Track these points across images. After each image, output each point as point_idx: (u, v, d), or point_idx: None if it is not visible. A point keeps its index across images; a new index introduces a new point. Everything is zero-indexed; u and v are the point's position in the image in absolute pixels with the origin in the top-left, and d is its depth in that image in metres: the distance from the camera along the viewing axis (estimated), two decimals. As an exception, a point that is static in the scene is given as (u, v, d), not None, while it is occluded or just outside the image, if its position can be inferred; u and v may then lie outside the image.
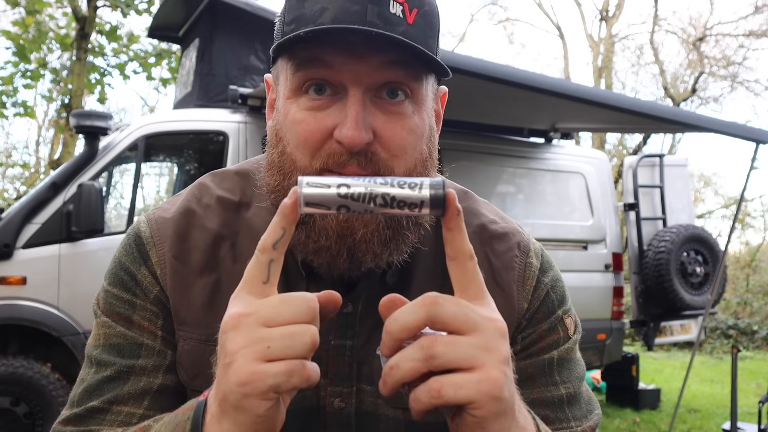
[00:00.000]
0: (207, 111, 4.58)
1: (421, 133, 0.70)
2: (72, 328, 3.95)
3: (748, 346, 10.75)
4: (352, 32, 0.62)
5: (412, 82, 0.67)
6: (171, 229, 0.76)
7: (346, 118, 0.64)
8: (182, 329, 0.74)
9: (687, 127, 4.84)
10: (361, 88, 0.65)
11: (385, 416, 0.73)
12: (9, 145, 16.83)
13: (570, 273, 5.38)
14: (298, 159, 0.67)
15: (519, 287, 0.78)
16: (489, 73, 3.60)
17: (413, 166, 0.69)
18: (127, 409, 0.73)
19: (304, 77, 0.67)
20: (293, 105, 0.68)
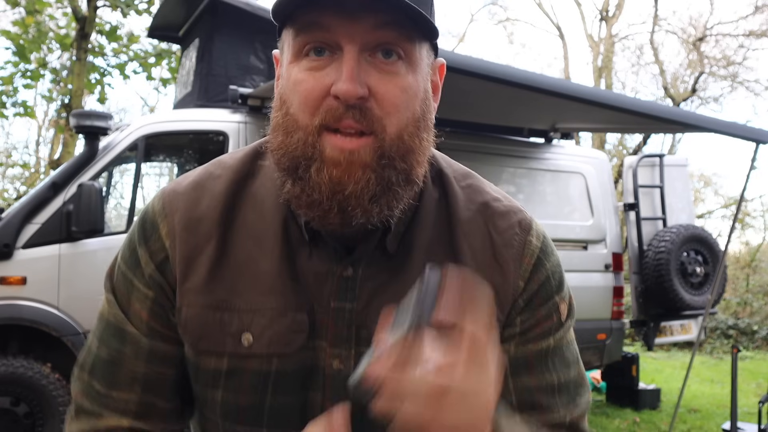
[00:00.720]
0: (207, 111, 4.57)
1: (414, 93, 0.71)
2: (72, 328, 3.95)
3: (748, 346, 10.75)
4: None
5: (405, 43, 0.69)
6: (182, 202, 0.78)
7: (341, 74, 0.67)
8: (189, 296, 0.76)
9: (687, 127, 4.83)
10: (356, 47, 0.67)
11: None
12: (9, 145, 16.84)
13: (570, 273, 5.32)
14: (299, 118, 0.70)
15: (516, 265, 0.78)
16: (489, 73, 3.60)
17: (405, 124, 0.70)
18: (123, 396, 0.77)
19: (304, 41, 0.69)
20: (295, 68, 0.71)
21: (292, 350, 0.73)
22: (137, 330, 0.78)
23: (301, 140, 0.69)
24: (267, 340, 0.73)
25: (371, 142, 0.68)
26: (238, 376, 0.74)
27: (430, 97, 0.76)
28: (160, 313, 0.78)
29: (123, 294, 0.80)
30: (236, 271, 0.76)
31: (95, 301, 4.04)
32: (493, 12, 22.36)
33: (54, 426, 3.85)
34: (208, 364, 0.75)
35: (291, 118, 0.71)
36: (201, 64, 4.89)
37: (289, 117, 0.71)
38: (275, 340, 0.73)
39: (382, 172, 0.69)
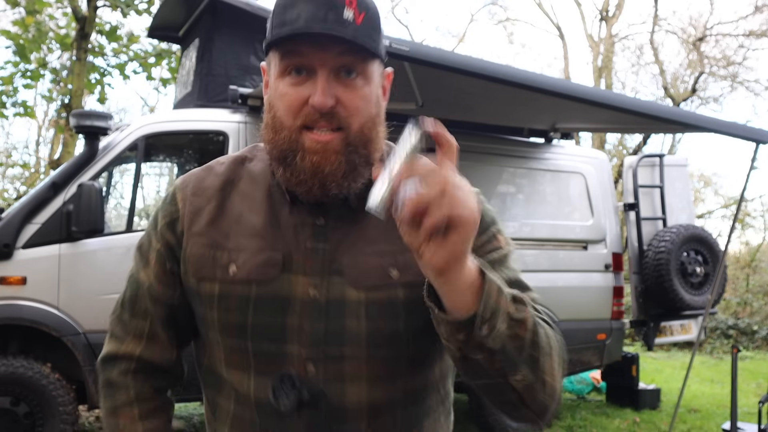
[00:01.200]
0: (207, 111, 4.57)
1: (369, 99, 0.95)
2: (72, 328, 3.95)
3: (748, 346, 10.75)
4: (318, 35, 0.89)
5: (360, 64, 0.93)
6: (194, 178, 1.05)
7: (316, 90, 0.90)
8: (193, 238, 1.00)
9: (687, 127, 4.83)
10: (326, 70, 0.91)
11: (349, 301, 0.95)
12: (9, 145, 16.83)
13: (570, 273, 5.38)
14: (285, 120, 0.93)
15: None
16: (489, 73, 3.60)
17: (364, 121, 0.94)
18: (139, 323, 1.05)
19: (287, 64, 0.93)
20: (280, 83, 0.94)
21: (266, 279, 0.95)
22: (147, 278, 1.05)
23: (287, 137, 0.93)
24: (246, 270, 0.95)
25: (341, 135, 0.92)
26: (226, 299, 0.96)
27: (381, 100, 0.99)
28: (163, 262, 1.04)
29: (144, 251, 1.06)
30: (230, 222, 1.00)
31: (95, 301, 4.05)
32: (493, 12, 22.37)
33: (54, 426, 3.85)
34: (206, 289, 0.98)
35: (278, 120, 0.94)
36: (201, 64, 4.89)
37: (277, 119, 0.94)
38: (253, 271, 0.95)
39: (349, 157, 0.92)
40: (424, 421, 1.02)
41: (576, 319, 5.31)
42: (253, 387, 0.97)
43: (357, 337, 0.94)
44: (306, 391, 0.93)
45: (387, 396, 0.97)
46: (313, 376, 0.94)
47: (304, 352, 0.94)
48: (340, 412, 0.95)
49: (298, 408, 0.93)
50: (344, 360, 0.94)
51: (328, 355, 0.94)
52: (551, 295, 5.13)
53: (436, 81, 4.02)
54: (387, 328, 0.94)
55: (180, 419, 5.58)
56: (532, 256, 5.18)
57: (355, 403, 0.95)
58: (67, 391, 3.91)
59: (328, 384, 0.94)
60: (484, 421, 5.07)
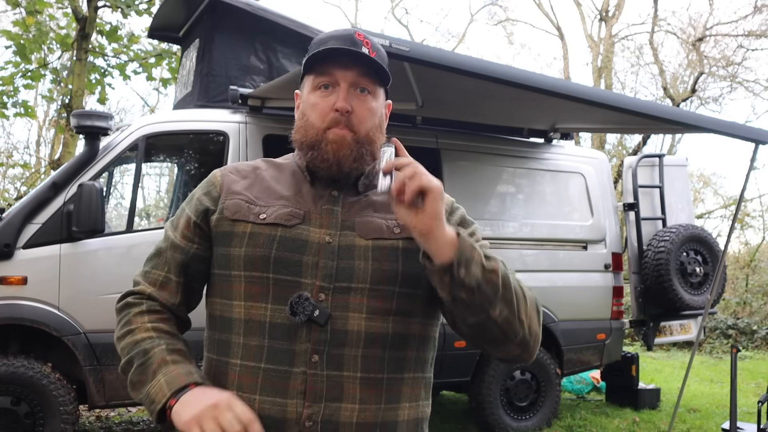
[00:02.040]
0: (207, 111, 4.58)
1: (375, 113, 1.26)
2: (72, 328, 3.96)
3: (747, 345, 10.76)
4: (342, 54, 1.22)
5: (371, 86, 1.26)
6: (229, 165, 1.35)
7: (339, 97, 1.22)
8: (230, 195, 1.26)
9: (687, 127, 4.84)
10: (347, 84, 1.23)
11: (358, 246, 1.20)
12: (9, 145, 16.80)
13: (570, 273, 5.39)
14: (315, 122, 1.23)
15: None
16: (489, 73, 3.60)
17: (369, 127, 1.24)
18: (157, 272, 1.29)
19: (319, 81, 1.25)
20: (312, 96, 1.25)
21: (289, 224, 1.21)
22: (174, 235, 1.29)
23: (315, 134, 1.23)
24: (274, 217, 1.22)
25: (353, 135, 1.22)
26: (255, 237, 1.20)
27: (383, 117, 1.30)
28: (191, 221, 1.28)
29: (177, 219, 1.31)
30: (261, 189, 1.27)
31: (96, 301, 4.05)
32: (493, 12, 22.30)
33: (54, 425, 3.85)
34: (239, 229, 1.22)
35: (309, 123, 1.25)
36: (201, 64, 4.90)
37: (309, 123, 1.25)
38: (279, 218, 1.21)
39: (358, 149, 1.23)
40: (405, 374, 1.21)
41: (576, 319, 5.31)
42: (269, 312, 1.17)
43: (363, 273, 1.18)
44: (318, 310, 1.14)
45: (379, 330, 1.17)
46: (323, 302, 1.16)
47: (317, 283, 1.17)
48: (342, 335, 1.16)
49: (309, 322, 1.14)
50: (350, 292, 1.17)
51: (337, 287, 1.17)
52: (551, 295, 5.14)
53: (436, 81, 4.03)
54: (388, 269, 1.19)
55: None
56: (532, 256, 5.19)
57: (354, 330, 1.16)
58: (67, 391, 3.92)
59: (335, 310, 1.16)
60: (484, 421, 5.08)
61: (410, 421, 1.22)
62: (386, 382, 1.19)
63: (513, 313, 1.13)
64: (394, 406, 1.19)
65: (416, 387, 1.23)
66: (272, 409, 1.14)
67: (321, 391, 1.14)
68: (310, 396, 1.14)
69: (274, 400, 1.15)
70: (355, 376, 1.16)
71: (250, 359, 1.17)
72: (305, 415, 1.13)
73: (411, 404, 1.22)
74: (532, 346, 1.18)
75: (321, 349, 1.15)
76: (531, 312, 1.17)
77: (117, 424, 5.31)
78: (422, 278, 1.19)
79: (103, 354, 3.98)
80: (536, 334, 1.18)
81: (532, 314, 1.17)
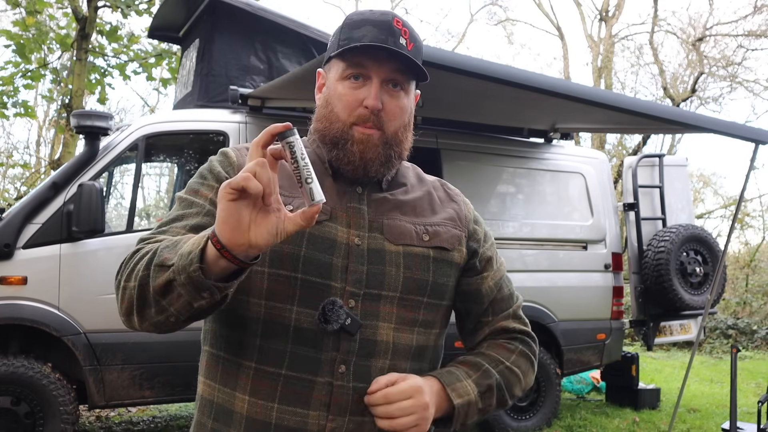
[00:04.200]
0: (207, 111, 4.58)
1: (405, 110, 1.18)
2: (72, 328, 3.96)
3: (747, 345, 10.76)
4: (379, 49, 1.12)
5: (404, 82, 1.17)
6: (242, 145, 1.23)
7: (370, 94, 1.12)
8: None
9: (687, 127, 4.83)
10: (379, 80, 1.14)
11: (388, 251, 1.14)
12: (10, 145, 16.80)
13: (570, 273, 5.38)
14: (341, 115, 1.14)
15: (464, 205, 1.30)
16: (489, 73, 3.60)
17: (398, 126, 1.16)
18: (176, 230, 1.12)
19: (350, 71, 1.14)
20: (340, 85, 1.15)
21: (318, 220, 1.09)
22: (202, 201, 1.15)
23: (340, 128, 1.14)
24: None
25: (381, 134, 1.14)
26: None
27: (412, 114, 1.22)
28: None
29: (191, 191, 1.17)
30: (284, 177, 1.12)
31: (96, 300, 4.05)
32: (492, 12, 22.30)
33: (54, 425, 3.85)
34: None
35: (334, 114, 1.15)
36: (201, 64, 4.90)
37: (333, 113, 1.15)
38: None
39: (386, 151, 1.15)
40: None
41: (576, 319, 5.31)
42: (294, 315, 1.09)
43: (395, 281, 1.13)
44: (350, 318, 1.07)
45: (405, 342, 1.14)
46: (353, 309, 1.10)
47: (348, 289, 1.11)
48: (370, 346, 1.11)
49: (340, 331, 1.07)
50: (380, 299, 1.12)
51: (367, 294, 1.11)
52: (551, 295, 5.14)
53: (436, 81, 4.01)
54: (420, 278, 1.15)
55: (180, 419, 5.59)
56: (532, 256, 5.19)
57: (383, 341, 1.12)
58: (67, 391, 3.92)
59: (365, 318, 1.11)
60: (484, 421, 5.08)
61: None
62: None
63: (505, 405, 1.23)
64: None
65: None
66: (291, 420, 1.07)
67: (346, 404, 1.08)
68: (335, 409, 1.08)
69: (294, 410, 1.07)
70: None
71: (269, 364, 1.08)
72: (328, 428, 1.07)
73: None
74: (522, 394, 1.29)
75: (348, 359, 1.09)
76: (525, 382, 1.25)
77: (117, 424, 5.31)
78: (448, 289, 1.20)
79: (103, 354, 3.99)
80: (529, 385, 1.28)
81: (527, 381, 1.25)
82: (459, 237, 1.22)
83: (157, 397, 4.24)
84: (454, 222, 1.23)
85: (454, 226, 1.23)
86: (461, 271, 1.23)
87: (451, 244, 1.20)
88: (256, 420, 1.08)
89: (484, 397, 1.16)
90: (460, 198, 1.31)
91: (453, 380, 1.15)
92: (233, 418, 1.10)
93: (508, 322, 1.26)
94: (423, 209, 1.21)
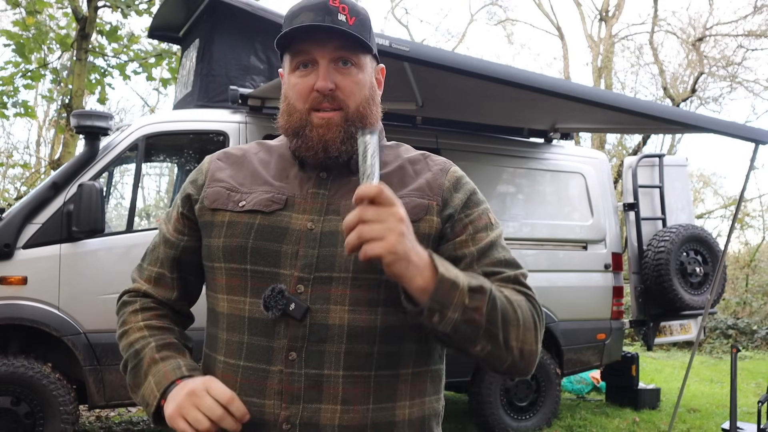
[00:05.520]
0: (207, 111, 4.58)
1: (363, 84, 1.16)
2: (72, 328, 3.96)
3: (747, 345, 10.76)
4: (316, 30, 1.12)
5: (353, 56, 1.15)
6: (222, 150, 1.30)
7: (319, 77, 1.13)
8: (212, 183, 1.21)
9: (687, 127, 4.84)
10: (325, 60, 1.13)
11: (341, 232, 1.04)
12: (10, 145, 16.80)
13: (570, 273, 5.38)
14: (296, 105, 1.15)
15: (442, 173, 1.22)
16: (489, 73, 3.61)
17: (360, 101, 1.15)
18: (151, 267, 1.26)
19: (296, 61, 1.16)
20: (292, 77, 1.17)
21: (269, 211, 1.14)
22: (167, 229, 1.25)
23: (298, 117, 1.15)
24: (253, 204, 1.15)
25: (340, 113, 1.14)
26: (233, 226, 1.14)
27: (375, 86, 1.21)
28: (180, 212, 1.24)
29: (171, 211, 1.28)
30: (246, 175, 1.21)
31: (96, 300, 4.05)
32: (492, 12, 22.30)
33: (54, 425, 3.85)
34: (218, 218, 1.16)
35: (291, 106, 1.16)
36: (201, 64, 4.90)
37: (291, 105, 1.17)
38: (258, 205, 1.15)
39: (347, 129, 1.14)
40: (401, 369, 1.12)
41: (576, 319, 5.31)
42: (248, 306, 1.11)
43: (346, 261, 1.09)
44: (293, 303, 1.06)
45: (365, 324, 1.09)
46: (302, 294, 1.09)
47: (296, 274, 1.10)
48: (322, 330, 1.08)
49: (284, 317, 1.07)
50: (332, 282, 1.09)
51: (317, 277, 1.09)
52: (551, 295, 5.14)
53: (436, 81, 4.03)
54: None
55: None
56: (532, 256, 5.19)
57: (336, 324, 1.08)
58: (67, 391, 3.92)
59: (315, 303, 1.08)
60: (484, 421, 5.08)
61: (414, 420, 1.13)
62: (375, 380, 1.09)
63: (498, 346, 1.05)
64: (387, 405, 1.10)
65: (419, 382, 1.14)
66: (250, 410, 1.07)
67: (298, 392, 1.07)
68: (287, 397, 1.07)
69: (251, 400, 1.08)
70: (337, 374, 1.08)
71: (232, 356, 1.12)
72: (282, 417, 1.07)
73: (413, 401, 1.13)
74: (524, 367, 1.10)
75: (299, 345, 1.07)
76: (524, 334, 1.07)
77: (117, 424, 5.31)
78: None
79: (103, 354, 3.99)
80: (530, 354, 1.09)
81: (526, 336, 1.08)
82: (426, 206, 1.14)
83: (157, 397, 4.23)
84: (421, 191, 1.16)
85: (421, 195, 1.15)
86: (437, 242, 1.14)
87: (415, 214, 1.11)
88: None
89: (473, 295, 1.01)
90: (438, 167, 1.22)
91: (444, 260, 1.04)
92: None
93: (507, 284, 1.12)
94: (390, 185, 1.07)
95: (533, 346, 1.09)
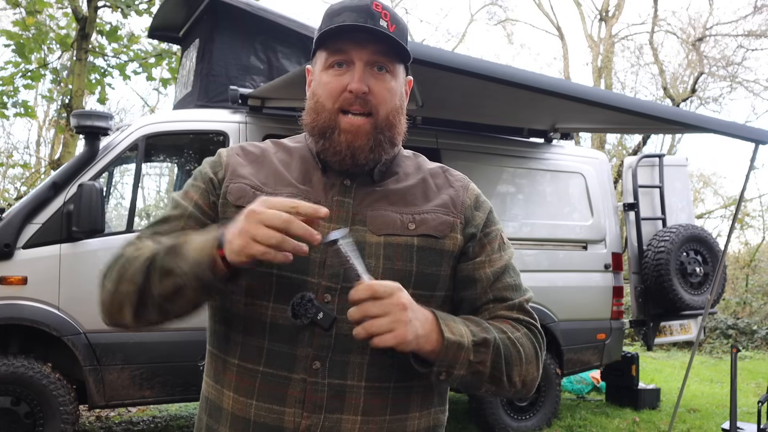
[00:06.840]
0: (207, 111, 4.58)
1: (395, 92, 1.15)
2: (72, 328, 3.96)
3: (747, 345, 10.76)
4: (358, 29, 1.10)
5: (389, 63, 1.14)
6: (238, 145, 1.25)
7: (353, 78, 1.11)
8: (235, 179, 1.17)
9: (687, 127, 4.84)
10: (362, 63, 1.12)
11: (369, 243, 1.11)
12: (10, 145, 16.80)
13: (570, 273, 5.38)
14: (326, 104, 1.13)
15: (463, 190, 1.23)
16: (489, 73, 3.60)
17: (390, 109, 1.14)
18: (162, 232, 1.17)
19: (332, 59, 1.14)
20: (324, 74, 1.14)
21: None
22: (189, 203, 1.19)
23: (327, 117, 1.13)
24: None
25: (370, 120, 1.12)
26: None
27: (404, 97, 1.20)
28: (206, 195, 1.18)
29: (182, 193, 1.21)
30: (268, 174, 1.18)
31: (96, 301, 4.04)
32: (492, 12, 22.29)
33: (54, 425, 3.85)
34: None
35: (320, 104, 1.14)
36: (201, 64, 4.90)
37: (319, 103, 1.14)
38: None
39: (376, 137, 1.13)
40: (414, 381, 1.12)
41: (576, 319, 5.31)
42: (270, 312, 1.09)
43: (373, 273, 1.07)
44: (322, 312, 1.03)
45: None
46: (329, 303, 1.08)
47: (323, 283, 1.09)
48: (347, 341, 1.07)
49: (312, 325, 1.04)
50: None
51: (344, 287, 1.06)
52: (551, 295, 5.14)
53: (436, 81, 4.03)
54: (401, 268, 1.11)
55: (180, 419, 5.59)
56: (532, 256, 5.19)
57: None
58: (67, 391, 3.92)
59: (341, 313, 1.05)
60: (484, 421, 5.08)
61: (421, 431, 1.14)
62: (393, 392, 1.10)
63: (502, 386, 1.11)
64: (401, 416, 1.11)
65: (428, 394, 1.15)
66: (268, 417, 1.06)
67: (321, 401, 1.06)
68: (309, 406, 1.06)
69: (271, 407, 1.07)
70: (359, 385, 1.08)
71: (249, 360, 1.09)
72: (303, 426, 1.06)
73: (422, 412, 1.14)
74: (526, 392, 1.16)
75: (323, 355, 1.07)
76: (527, 369, 1.12)
77: (117, 424, 5.31)
78: (440, 279, 1.14)
79: (103, 354, 3.99)
80: (532, 382, 1.14)
81: (528, 369, 1.12)
82: (451, 223, 1.16)
83: (157, 397, 4.24)
84: (446, 208, 1.17)
85: (446, 212, 1.16)
86: (457, 259, 1.17)
87: (441, 231, 1.14)
88: (238, 417, 1.09)
89: (478, 349, 1.06)
90: (460, 183, 1.24)
91: (448, 319, 1.07)
92: (222, 415, 1.12)
93: (511, 312, 1.16)
94: (415, 198, 1.16)
95: (534, 374, 1.15)
